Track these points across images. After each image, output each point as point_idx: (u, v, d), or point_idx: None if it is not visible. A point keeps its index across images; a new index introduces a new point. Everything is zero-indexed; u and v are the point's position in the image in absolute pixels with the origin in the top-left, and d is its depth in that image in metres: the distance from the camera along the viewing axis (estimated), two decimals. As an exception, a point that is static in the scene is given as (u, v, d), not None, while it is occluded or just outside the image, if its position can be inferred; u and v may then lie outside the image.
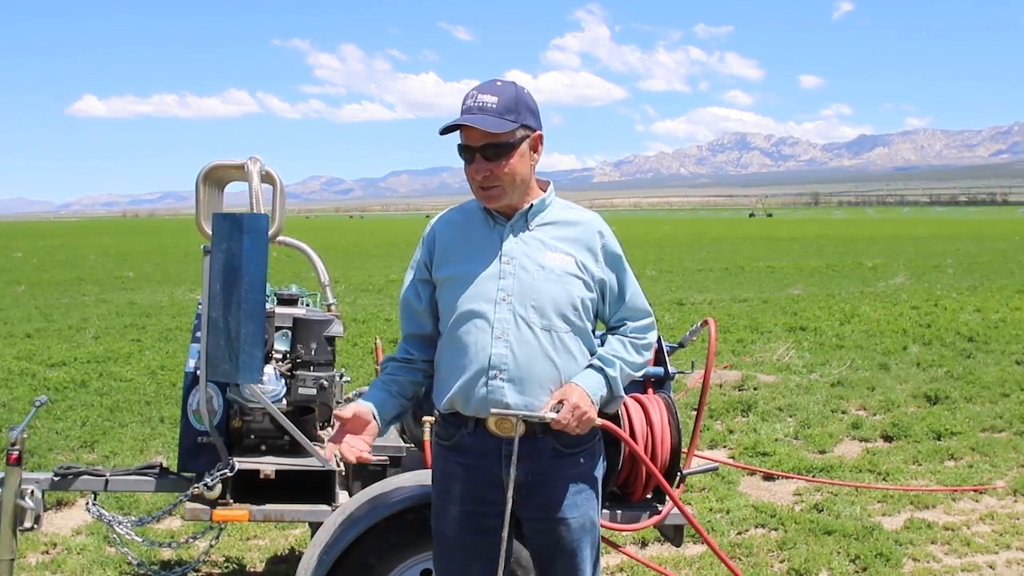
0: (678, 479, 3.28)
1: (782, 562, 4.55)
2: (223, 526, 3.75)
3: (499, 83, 2.44)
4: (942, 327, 12.03)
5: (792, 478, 5.85)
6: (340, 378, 3.77)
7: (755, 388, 8.46)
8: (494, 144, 2.39)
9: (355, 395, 3.82)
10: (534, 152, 2.48)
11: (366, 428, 2.47)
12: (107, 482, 3.35)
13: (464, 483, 2.49)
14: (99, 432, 6.77)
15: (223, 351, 2.97)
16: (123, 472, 3.43)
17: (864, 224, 77.03)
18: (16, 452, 3.19)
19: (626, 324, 2.60)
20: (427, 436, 3.27)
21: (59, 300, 16.73)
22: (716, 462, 4.19)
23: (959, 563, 4.56)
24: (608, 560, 4.51)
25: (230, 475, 3.11)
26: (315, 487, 3.25)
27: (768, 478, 5.94)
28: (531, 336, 2.42)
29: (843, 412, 7.68)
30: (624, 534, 4.51)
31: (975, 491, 5.62)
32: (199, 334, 3.20)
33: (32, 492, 3.23)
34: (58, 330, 12.39)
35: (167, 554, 4.54)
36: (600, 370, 2.49)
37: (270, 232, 3.28)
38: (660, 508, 3.22)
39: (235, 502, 3.15)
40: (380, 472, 3.30)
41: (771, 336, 11.54)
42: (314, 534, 3.06)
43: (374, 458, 2.63)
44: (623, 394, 2.55)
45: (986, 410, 7.61)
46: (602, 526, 3.10)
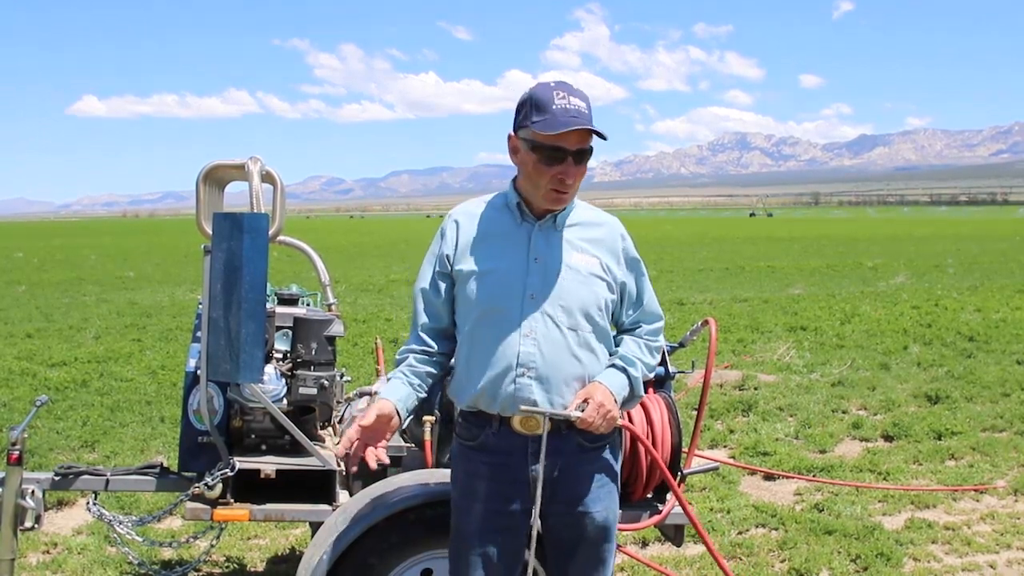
0: (678, 479, 3.28)
1: (783, 562, 4.55)
2: (224, 526, 3.75)
3: (575, 86, 2.43)
4: (943, 327, 12.03)
5: (793, 478, 5.85)
6: (340, 378, 3.77)
7: (756, 388, 8.46)
8: (586, 150, 2.41)
9: (356, 395, 3.82)
10: None
11: (388, 425, 2.48)
12: (108, 482, 3.35)
13: (490, 482, 2.50)
14: (100, 432, 6.77)
15: (224, 351, 2.97)
16: (124, 472, 3.43)
17: (864, 224, 77.04)
18: (17, 452, 3.19)
19: (641, 326, 2.62)
20: (427, 436, 3.27)
21: (60, 300, 16.73)
22: (716, 462, 4.19)
23: (960, 563, 4.56)
24: (608, 560, 4.51)
25: (231, 475, 3.11)
26: (315, 487, 3.25)
27: (769, 478, 5.94)
28: (558, 334, 2.44)
29: (844, 412, 7.68)
30: (625, 533, 4.51)
31: (976, 491, 5.62)
32: (199, 334, 3.20)
33: (33, 492, 3.23)
34: (59, 330, 12.39)
35: (168, 554, 4.54)
36: (623, 370, 2.51)
37: (270, 232, 3.28)
38: (660, 508, 3.22)
39: (236, 502, 3.15)
40: (380, 472, 3.30)
41: (772, 336, 11.54)
42: (315, 534, 3.06)
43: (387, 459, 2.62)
44: (642, 393, 2.58)
45: (987, 410, 7.61)
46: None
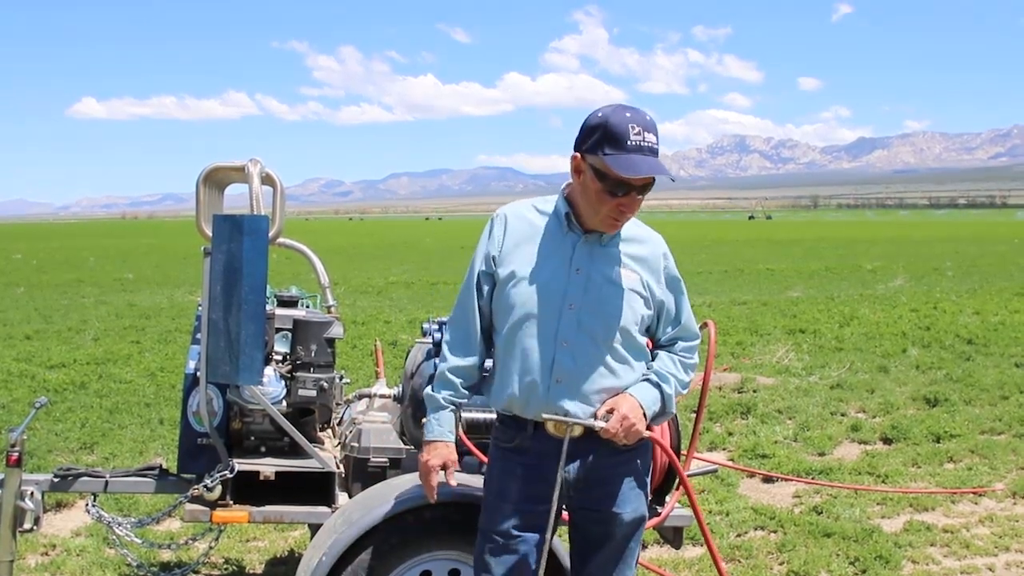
0: (677, 481, 3.28)
1: (781, 564, 4.55)
2: (223, 527, 3.75)
3: (648, 117, 2.40)
4: (941, 330, 12.03)
5: (791, 480, 5.86)
6: (340, 380, 3.77)
7: (754, 390, 8.47)
8: (648, 184, 2.41)
9: (355, 397, 3.82)
10: None
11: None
12: (107, 483, 3.35)
13: (523, 482, 2.53)
14: (98, 434, 6.77)
15: (223, 353, 2.97)
16: (123, 473, 3.43)
17: (863, 227, 77.06)
18: (16, 453, 3.19)
19: (678, 343, 2.63)
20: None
21: (58, 302, 16.73)
22: (715, 464, 4.20)
23: (958, 565, 4.57)
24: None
25: (230, 476, 3.11)
26: (315, 489, 3.25)
27: (767, 480, 5.94)
28: (593, 346, 2.46)
29: (842, 414, 7.68)
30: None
31: (974, 493, 5.62)
32: (199, 336, 3.20)
33: (32, 493, 3.23)
34: (57, 332, 12.38)
35: (167, 555, 4.54)
36: (657, 385, 2.52)
37: (270, 234, 3.28)
38: (660, 510, 3.22)
39: (235, 503, 3.15)
40: (380, 474, 3.30)
41: (770, 338, 11.55)
42: (314, 536, 3.06)
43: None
44: (674, 410, 2.59)
45: (985, 412, 7.61)
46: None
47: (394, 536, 2.89)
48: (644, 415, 2.46)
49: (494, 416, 2.67)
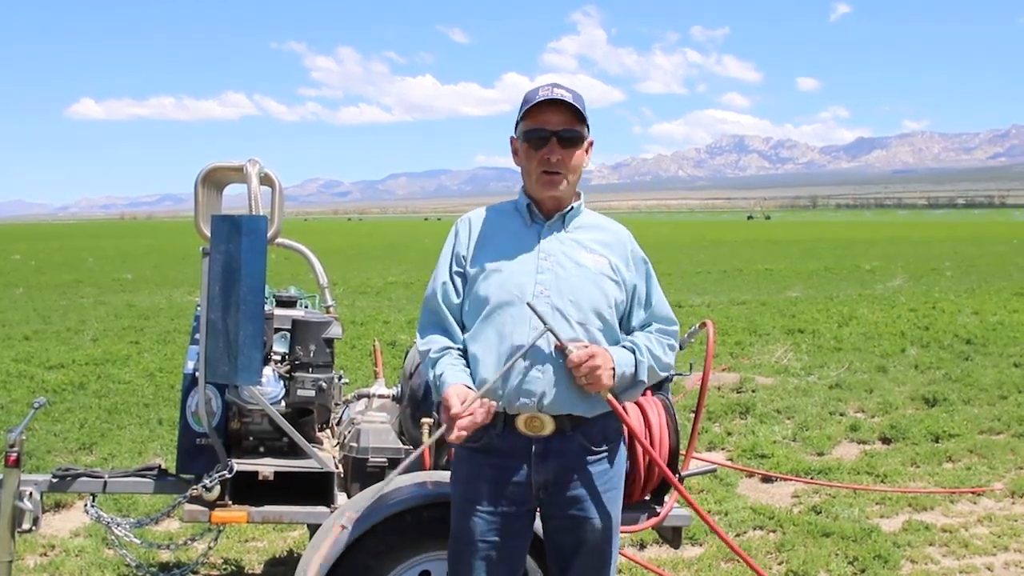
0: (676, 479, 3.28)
1: (780, 564, 4.56)
2: (222, 528, 3.74)
3: (568, 85, 2.51)
4: (940, 329, 12.04)
5: (790, 480, 5.86)
6: (339, 380, 3.77)
7: (753, 390, 8.47)
8: (570, 131, 2.47)
9: (354, 397, 3.82)
10: (586, 155, 2.57)
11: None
12: (105, 484, 3.35)
13: (492, 484, 2.50)
14: (97, 434, 6.76)
15: (222, 353, 2.97)
16: (121, 474, 3.43)
17: (862, 227, 77.09)
18: (14, 454, 3.18)
19: (652, 325, 2.63)
20: (425, 438, 3.28)
21: (57, 302, 16.72)
22: (714, 464, 4.20)
23: (957, 565, 4.57)
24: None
25: (229, 477, 3.11)
26: (313, 489, 3.25)
27: (766, 480, 5.94)
28: (568, 329, 2.45)
29: (841, 414, 7.69)
30: (623, 536, 4.51)
31: (973, 493, 5.63)
32: (198, 336, 3.21)
33: (30, 494, 3.23)
34: (56, 332, 12.38)
35: (166, 556, 4.54)
36: (632, 351, 2.52)
37: (269, 234, 3.28)
38: (658, 510, 3.23)
39: (234, 504, 3.15)
40: (378, 474, 3.30)
41: (769, 338, 11.55)
42: (312, 536, 3.06)
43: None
44: (644, 380, 2.55)
45: (984, 412, 7.62)
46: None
47: (393, 536, 2.89)
48: (613, 372, 2.43)
49: None
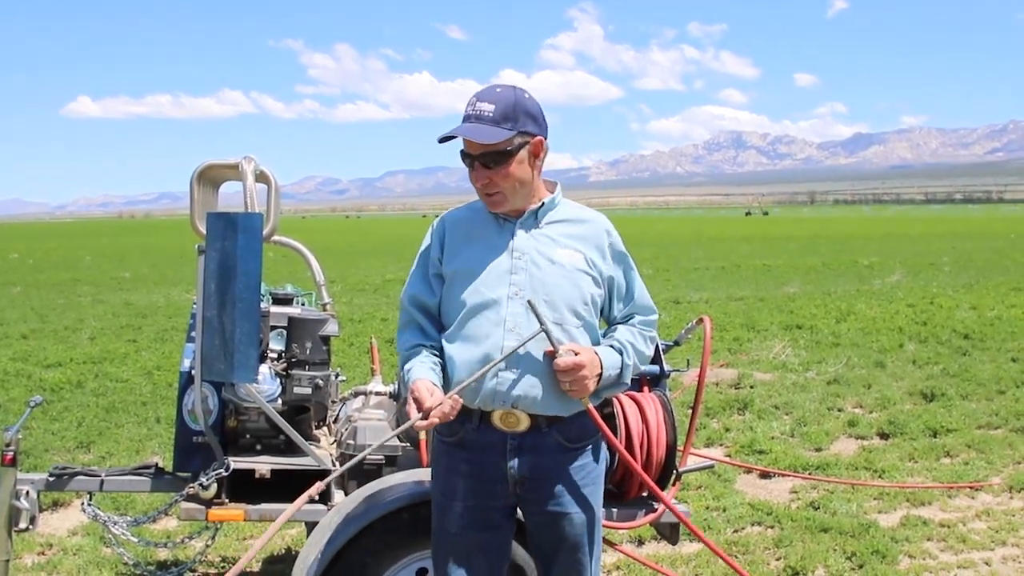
0: (674, 477, 3.28)
1: (778, 560, 4.56)
2: (219, 526, 3.75)
3: (499, 89, 2.45)
4: (938, 325, 12.05)
5: (788, 476, 5.86)
6: (335, 377, 3.77)
7: (751, 386, 8.47)
8: (492, 152, 2.41)
9: (351, 394, 3.82)
10: (535, 158, 2.49)
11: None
12: (102, 482, 3.35)
13: (468, 479, 2.49)
14: (95, 433, 6.76)
15: (218, 351, 2.97)
16: (118, 472, 3.43)
17: (860, 222, 77.15)
18: (11, 453, 3.18)
19: (635, 318, 2.62)
20: (423, 435, 3.27)
21: (55, 301, 16.70)
22: (712, 460, 4.20)
23: (955, 560, 4.57)
24: (604, 558, 4.51)
25: (225, 475, 3.11)
26: (311, 487, 3.24)
27: (764, 476, 5.94)
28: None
29: (839, 410, 7.69)
30: (620, 532, 4.51)
31: (971, 488, 5.63)
32: (194, 334, 3.20)
33: (27, 493, 3.23)
34: (54, 331, 12.37)
35: (163, 554, 4.54)
36: (620, 352, 2.51)
37: (265, 231, 3.27)
38: (656, 506, 3.22)
39: (230, 502, 3.15)
40: (375, 471, 3.30)
41: (767, 334, 11.55)
42: (310, 533, 3.05)
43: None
44: (628, 382, 2.56)
45: (982, 407, 7.62)
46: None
47: (390, 534, 2.89)
48: (600, 375, 2.43)
49: None
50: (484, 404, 2.44)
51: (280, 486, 3.23)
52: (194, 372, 3.17)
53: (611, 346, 2.52)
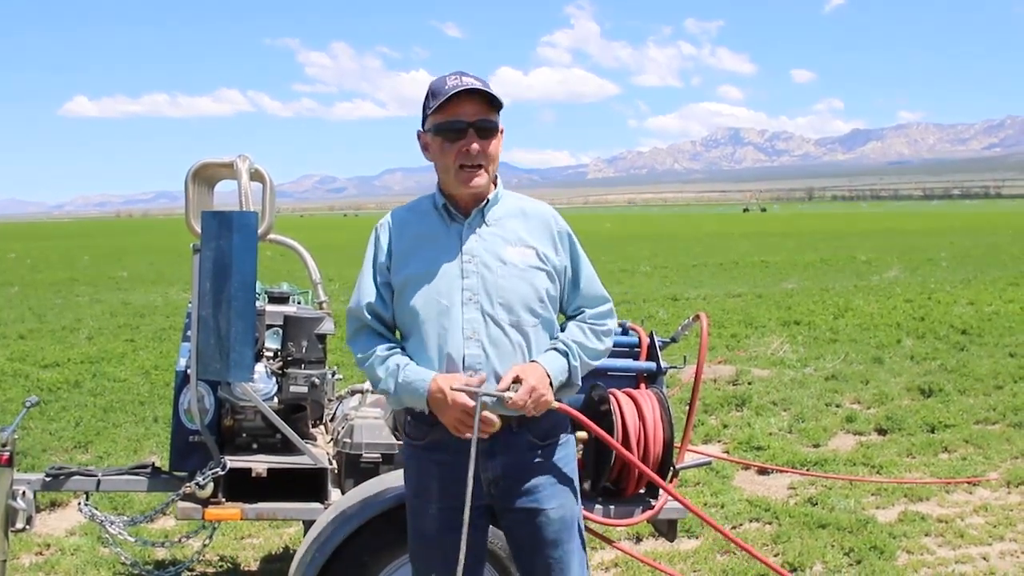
0: (671, 474, 3.27)
1: (776, 555, 4.56)
2: (216, 525, 3.75)
3: (470, 74, 2.44)
4: (936, 320, 12.05)
5: (786, 472, 5.86)
6: (332, 376, 3.77)
7: (749, 382, 8.48)
8: (486, 121, 2.41)
9: (347, 393, 3.82)
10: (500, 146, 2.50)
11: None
12: (99, 482, 3.35)
13: (441, 480, 2.47)
14: (93, 432, 6.75)
15: (213, 350, 2.96)
16: (115, 472, 3.43)
17: (858, 218, 77.18)
18: (7, 453, 3.17)
19: (584, 311, 2.57)
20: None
21: (52, 301, 16.68)
22: (709, 457, 4.20)
23: (953, 555, 4.57)
24: (603, 556, 4.52)
25: (222, 474, 3.10)
26: (307, 485, 3.24)
27: (762, 472, 5.94)
28: (501, 334, 2.41)
29: (837, 406, 7.69)
30: (618, 529, 4.50)
31: (969, 483, 5.63)
32: (190, 333, 3.20)
33: (24, 493, 3.22)
34: (51, 331, 12.36)
35: (161, 554, 4.53)
36: (564, 355, 2.47)
37: (260, 230, 3.27)
38: (653, 503, 3.22)
39: (227, 501, 3.15)
40: (372, 470, 3.30)
41: (765, 330, 11.55)
42: (307, 532, 3.05)
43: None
44: (579, 382, 2.52)
45: (980, 402, 7.63)
46: (596, 521, 3.10)
47: (387, 532, 2.89)
48: (551, 384, 2.39)
49: None
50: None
51: (277, 485, 3.22)
52: (190, 371, 3.17)
53: (556, 348, 2.47)
